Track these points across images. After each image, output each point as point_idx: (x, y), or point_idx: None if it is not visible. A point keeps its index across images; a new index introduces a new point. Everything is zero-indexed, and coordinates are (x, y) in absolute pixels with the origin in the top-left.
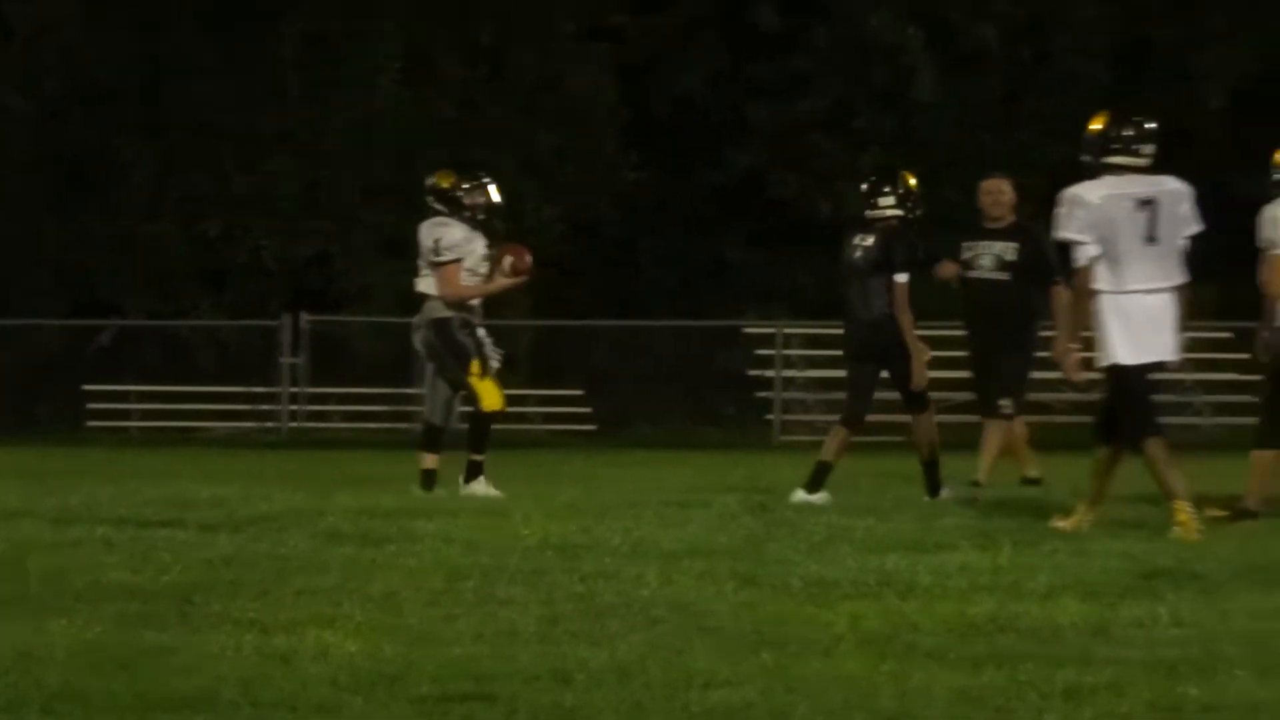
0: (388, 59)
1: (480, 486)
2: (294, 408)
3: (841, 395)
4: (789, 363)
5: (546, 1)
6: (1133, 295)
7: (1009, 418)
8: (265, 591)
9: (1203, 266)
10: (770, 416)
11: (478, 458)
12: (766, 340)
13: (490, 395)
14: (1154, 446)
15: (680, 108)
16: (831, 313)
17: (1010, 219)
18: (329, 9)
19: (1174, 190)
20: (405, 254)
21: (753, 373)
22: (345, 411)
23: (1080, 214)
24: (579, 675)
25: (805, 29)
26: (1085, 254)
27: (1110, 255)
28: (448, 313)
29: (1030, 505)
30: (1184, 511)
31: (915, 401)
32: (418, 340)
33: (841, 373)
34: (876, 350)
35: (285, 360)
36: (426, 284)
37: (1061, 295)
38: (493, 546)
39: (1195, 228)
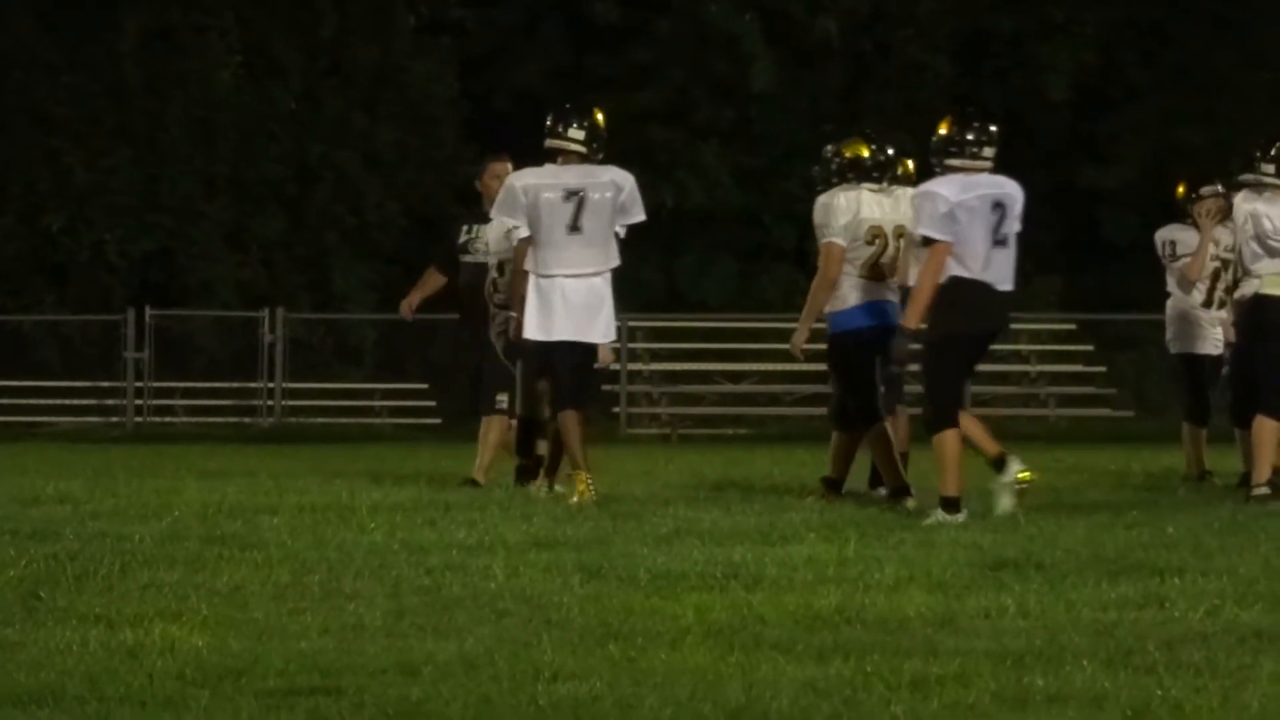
0: (227, 52)
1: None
2: (139, 402)
3: (688, 387)
4: (634, 356)
5: None
6: (553, 279)
7: (508, 413)
8: (111, 586)
9: (1046, 259)
10: (616, 409)
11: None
12: None
13: None
14: (568, 419)
15: (521, 101)
16: (676, 305)
17: None
18: (168, 2)
19: (606, 182)
20: (247, 248)
21: (598, 365)
22: (190, 406)
23: (509, 199)
24: (426, 668)
25: (645, 21)
26: (517, 234)
27: (535, 239)
28: None
29: (877, 500)
30: (584, 482)
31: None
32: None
33: (686, 365)
34: None
35: (129, 355)
36: None
37: None
38: (339, 540)
39: (635, 218)
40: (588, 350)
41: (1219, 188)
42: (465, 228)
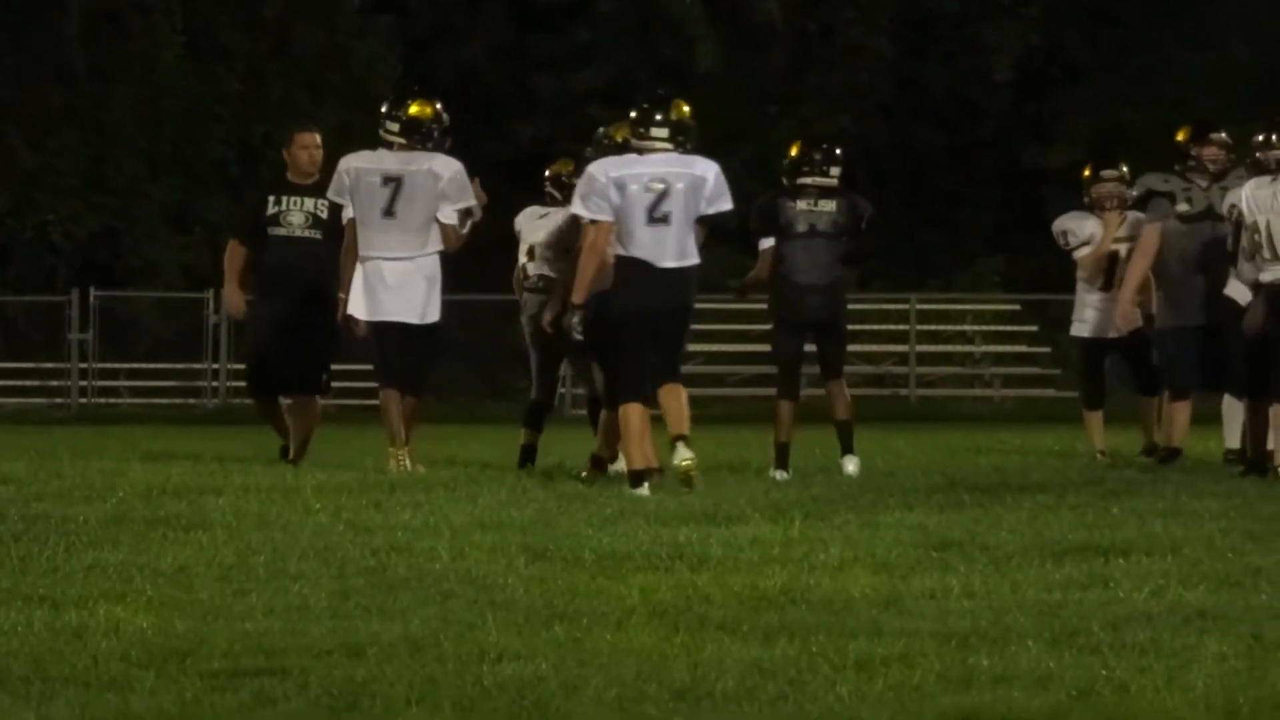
0: (172, 34)
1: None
2: (83, 383)
3: None
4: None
5: None
6: (373, 261)
7: (328, 389)
8: (56, 567)
9: (990, 239)
10: (561, 390)
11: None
12: None
13: None
14: (386, 397)
15: (465, 80)
16: None
17: (318, 175)
18: None
19: (425, 170)
20: (191, 229)
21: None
22: (134, 387)
23: (337, 180)
24: (371, 649)
25: (588, 1)
26: (345, 214)
27: (358, 221)
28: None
29: (823, 477)
30: (395, 459)
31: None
32: (538, 320)
33: None
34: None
35: (74, 336)
36: (556, 270)
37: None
38: (284, 522)
39: (459, 205)
40: (409, 331)
41: (1123, 170)
42: (273, 199)
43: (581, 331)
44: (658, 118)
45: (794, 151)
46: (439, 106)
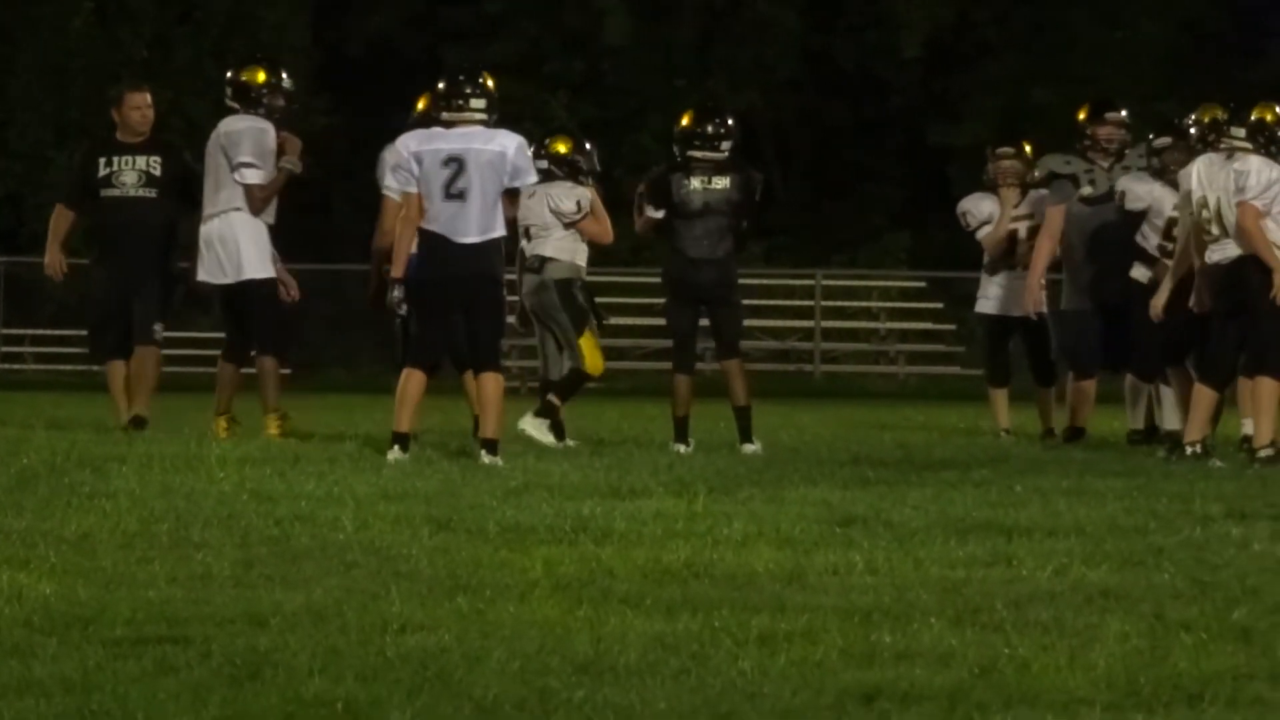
0: None
1: (536, 428)
2: None
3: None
4: None
5: None
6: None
7: (159, 343)
8: None
9: (897, 216)
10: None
11: (556, 401)
12: None
13: (593, 357)
14: (224, 366)
15: (375, 50)
16: None
17: (149, 133)
18: None
19: (229, 132)
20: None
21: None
22: (39, 353)
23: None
24: (274, 619)
25: None
26: None
27: None
28: (569, 275)
29: (727, 451)
30: (221, 427)
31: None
32: (531, 301)
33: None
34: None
35: None
36: (552, 248)
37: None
38: (187, 490)
39: (236, 159)
40: (231, 291)
41: (1024, 149)
42: (104, 160)
43: (402, 306)
44: (467, 90)
45: (686, 121)
46: (283, 75)
